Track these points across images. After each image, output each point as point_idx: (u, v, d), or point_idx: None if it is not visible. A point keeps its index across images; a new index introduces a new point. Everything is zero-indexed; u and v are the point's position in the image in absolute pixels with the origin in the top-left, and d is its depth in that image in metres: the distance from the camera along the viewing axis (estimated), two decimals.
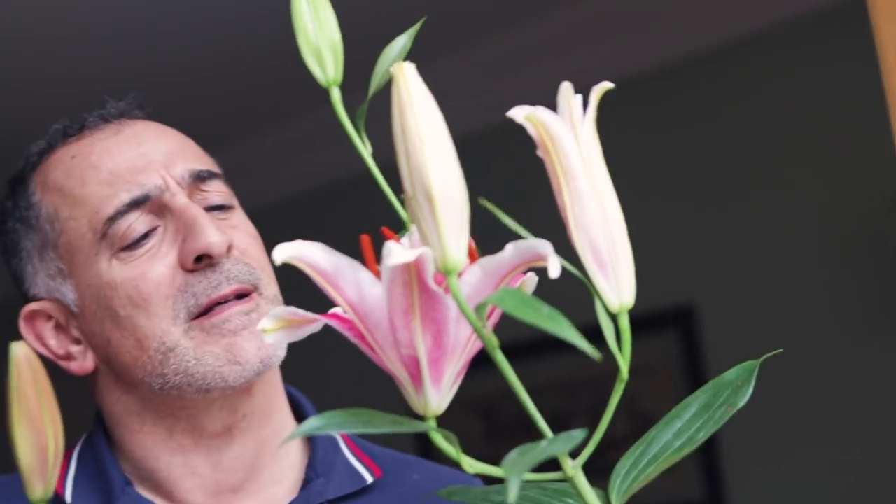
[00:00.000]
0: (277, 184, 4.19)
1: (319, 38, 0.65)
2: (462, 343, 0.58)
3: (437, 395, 0.59)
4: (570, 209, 0.57)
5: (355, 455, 1.06)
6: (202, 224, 0.96)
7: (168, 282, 0.96)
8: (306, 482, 1.02)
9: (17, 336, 1.00)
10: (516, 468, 0.47)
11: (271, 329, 0.63)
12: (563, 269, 0.55)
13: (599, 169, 0.58)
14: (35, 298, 1.03)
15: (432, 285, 0.55)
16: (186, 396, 0.97)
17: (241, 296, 0.97)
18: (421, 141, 0.54)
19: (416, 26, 0.69)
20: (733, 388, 0.62)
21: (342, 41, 0.66)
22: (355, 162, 0.74)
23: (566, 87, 0.58)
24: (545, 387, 3.46)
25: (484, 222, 0.66)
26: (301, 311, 0.62)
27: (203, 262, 0.96)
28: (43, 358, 0.81)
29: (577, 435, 0.53)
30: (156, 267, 0.96)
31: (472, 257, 0.60)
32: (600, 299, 0.57)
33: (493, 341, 0.55)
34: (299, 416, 1.08)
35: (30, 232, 1.02)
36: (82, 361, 1.01)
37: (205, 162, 1.03)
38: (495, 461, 0.56)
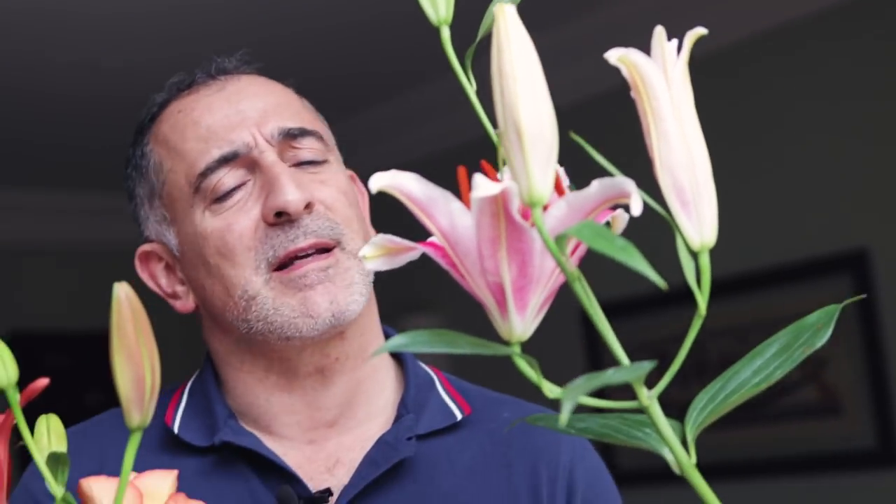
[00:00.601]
0: (402, 148, 4.34)
1: None
2: (547, 274, 0.61)
3: (521, 321, 0.62)
4: (657, 149, 0.59)
5: (449, 394, 1.10)
6: (282, 182, 1.00)
7: (251, 234, 1.01)
8: (398, 418, 1.07)
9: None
10: (573, 393, 0.50)
11: (372, 256, 0.67)
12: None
13: (688, 112, 0.60)
14: (148, 240, 1.10)
15: (518, 218, 0.58)
16: (271, 341, 1.03)
17: (322, 250, 1.01)
18: (514, 79, 0.57)
19: None
20: (813, 331, 0.63)
21: None
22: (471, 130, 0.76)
23: (659, 32, 0.60)
24: (718, 331, 3.49)
25: (576, 160, 0.68)
26: (399, 239, 0.66)
27: (283, 217, 1.00)
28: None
29: (646, 365, 0.55)
30: (241, 220, 1.02)
31: (560, 192, 0.62)
32: (682, 237, 0.59)
33: (575, 273, 0.57)
34: (395, 354, 1.12)
35: (142, 180, 1.09)
36: (185, 301, 1.08)
37: (300, 119, 1.07)
38: (664, 402, 0.60)
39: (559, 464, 1.07)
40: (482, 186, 0.55)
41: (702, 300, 0.60)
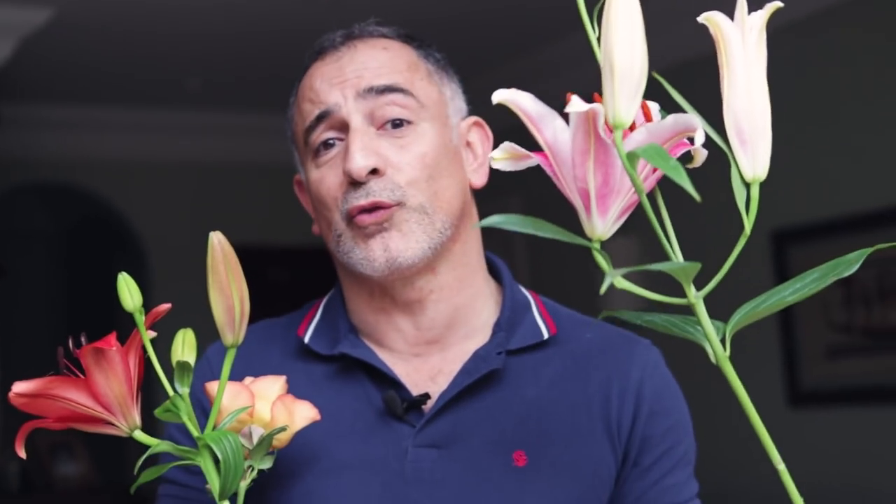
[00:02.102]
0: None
1: None
2: (626, 188, 0.76)
3: (602, 223, 0.77)
4: (726, 95, 0.73)
5: (541, 315, 1.25)
6: (352, 150, 1.16)
7: (336, 188, 1.18)
8: (493, 335, 1.23)
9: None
10: (616, 271, 0.65)
11: (499, 158, 0.83)
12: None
13: (758, 69, 0.73)
14: (298, 170, 1.29)
15: (604, 135, 0.73)
16: (356, 277, 1.21)
17: (382, 207, 1.17)
18: (615, 25, 0.72)
19: None
20: (847, 264, 0.76)
21: None
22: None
23: (742, 2, 0.74)
24: None
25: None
26: (520, 148, 0.81)
27: (351, 179, 1.17)
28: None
29: (694, 265, 0.70)
30: (329, 175, 1.19)
31: (648, 118, 0.77)
32: (738, 169, 0.73)
33: (641, 186, 0.72)
34: (498, 280, 1.28)
35: (289, 124, 1.28)
36: (315, 225, 1.26)
37: (392, 77, 1.19)
38: (849, 326, 0.74)
39: (630, 378, 1.20)
40: (575, 104, 0.71)
41: (748, 224, 0.73)
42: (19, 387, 0.87)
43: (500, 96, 0.75)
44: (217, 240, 0.89)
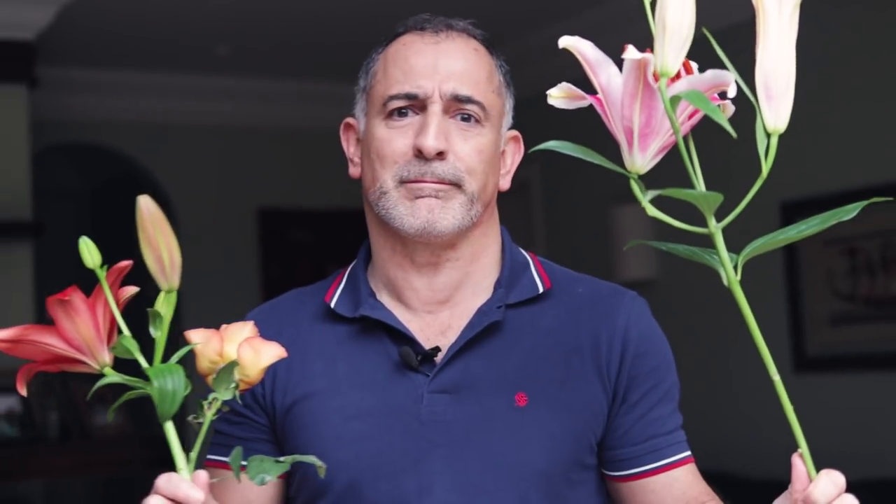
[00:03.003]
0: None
1: None
2: (665, 128, 0.89)
3: (642, 158, 0.90)
4: (759, 55, 0.86)
5: (538, 272, 1.41)
6: (429, 130, 1.32)
7: (400, 153, 1.34)
8: (493, 293, 1.39)
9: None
10: (651, 193, 0.78)
11: (556, 96, 0.96)
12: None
13: (789, 36, 0.86)
14: (353, 116, 1.45)
15: (651, 82, 0.85)
16: (391, 228, 1.36)
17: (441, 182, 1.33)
18: None
19: None
20: (845, 212, 0.89)
21: None
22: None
23: None
24: None
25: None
26: (576, 89, 0.94)
27: (420, 154, 1.33)
28: None
29: (716, 196, 0.83)
30: (398, 140, 1.34)
31: (689, 73, 0.89)
32: (762, 119, 0.86)
33: (678, 126, 0.85)
34: (500, 243, 1.44)
35: (364, 75, 1.43)
36: (354, 169, 1.42)
37: (475, 89, 1.36)
38: (853, 295, 0.87)
39: (616, 325, 1.36)
40: (630, 51, 0.83)
41: (766, 167, 0.86)
42: (1, 333, 1.04)
43: (565, 41, 0.88)
44: (143, 203, 1.06)
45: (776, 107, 0.85)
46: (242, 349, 1.11)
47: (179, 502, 1.06)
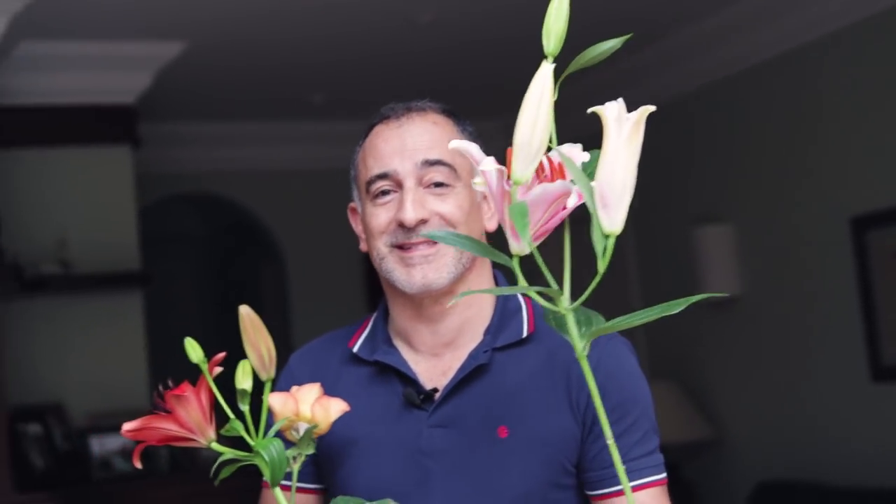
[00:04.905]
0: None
1: None
2: (536, 219, 1.00)
3: (517, 244, 1.03)
4: (598, 167, 0.99)
5: (527, 318, 1.60)
6: (405, 204, 1.53)
7: (385, 226, 1.55)
8: (483, 338, 1.59)
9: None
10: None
11: (478, 183, 1.13)
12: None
13: (627, 152, 0.97)
14: (354, 200, 1.67)
15: (506, 187, 1.01)
16: (396, 288, 1.58)
17: (430, 243, 1.53)
18: (524, 106, 0.99)
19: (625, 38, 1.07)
20: (675, 306, 0.99)
21: None
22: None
23: (621, 102, 1.00)
24: None
25: None
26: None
27: (404, 225, 1.53)
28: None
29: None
30: (383, 215, 1.56)
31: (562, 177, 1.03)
32: (597, 224, 0.99)
33: (529, 235, 1.00)
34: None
35: (353, 166, 1.66)
36: (363, 244, 1.63)
37: (441, 153, 1.55)
38: None
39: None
40: (486, 163, 0.98)
41: (602, 265, 0.99)
42: (128, 426, 1.23)
43: (454, 145, 1.04)
44: (244, 311, 1.26)
45: (612, 213, 0.98)
46: (315, 409, 1.32)
47: None
